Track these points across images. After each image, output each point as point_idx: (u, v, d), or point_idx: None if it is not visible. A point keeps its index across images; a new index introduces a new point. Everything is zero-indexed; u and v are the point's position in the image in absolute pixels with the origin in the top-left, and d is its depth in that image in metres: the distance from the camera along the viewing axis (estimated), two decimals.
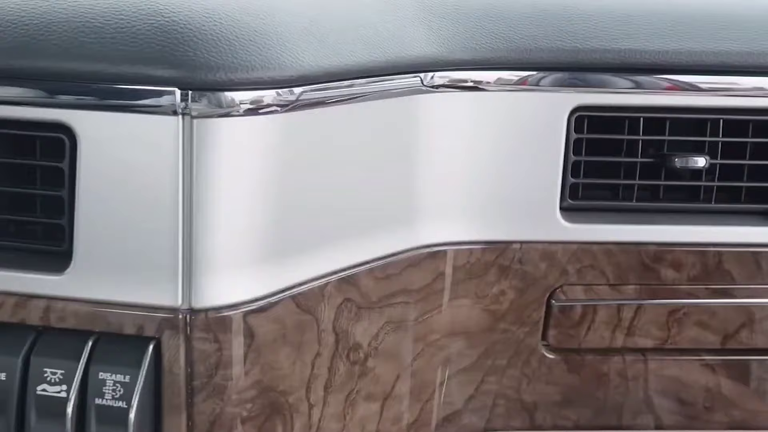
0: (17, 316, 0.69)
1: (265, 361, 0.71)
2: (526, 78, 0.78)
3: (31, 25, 0.67)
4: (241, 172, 0.68)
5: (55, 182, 0.70)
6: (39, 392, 0.67)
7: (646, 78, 0.80)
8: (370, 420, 0.80)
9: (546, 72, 0.79)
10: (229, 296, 0.69)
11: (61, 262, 0.69)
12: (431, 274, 0.80)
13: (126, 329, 0.68)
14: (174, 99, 0.65)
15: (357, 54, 0.72)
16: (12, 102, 0.67)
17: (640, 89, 0.80)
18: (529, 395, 0.86)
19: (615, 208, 0.84)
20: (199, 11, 0.67)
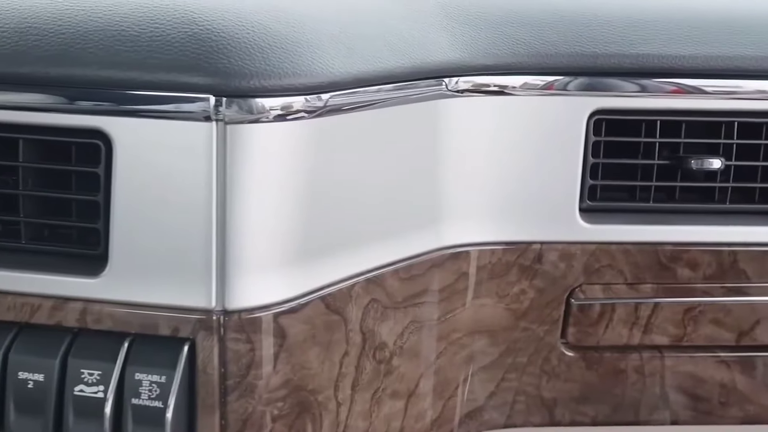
0: (54, 319, 0.70)
1: (296, 361, 0.72)
2: (552, 83, 0.79)
3: (68, 34, 0.67)
4: (273, 177, 0.68)
5: (89, 187, 0.71)
6: (76, 393, 0.68)
7: (663, 82, 0.81)
8: (395, 417, 0.81)
9: (566, 77, 0.80)
10: (261, 298, 0.70)
11: (96, 265, 0.70)
12: (454, 274, 0.81)
13: (161, 330, 0.69)
14: (208, 105, 0.66)
15: (384, 60, 0.73)
16: (49, 109, 0.68)
17: (656, 93, 0.81)
18: (548, 392, 0.87)
19: (632, 209, 0.85)
20: (231, 19, 0.68)
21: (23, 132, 0.70)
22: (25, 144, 0.70)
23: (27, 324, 0.70)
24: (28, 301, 0.70)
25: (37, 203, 0.72)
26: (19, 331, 0.70)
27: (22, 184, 0.71)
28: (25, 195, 0.71)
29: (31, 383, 0.68)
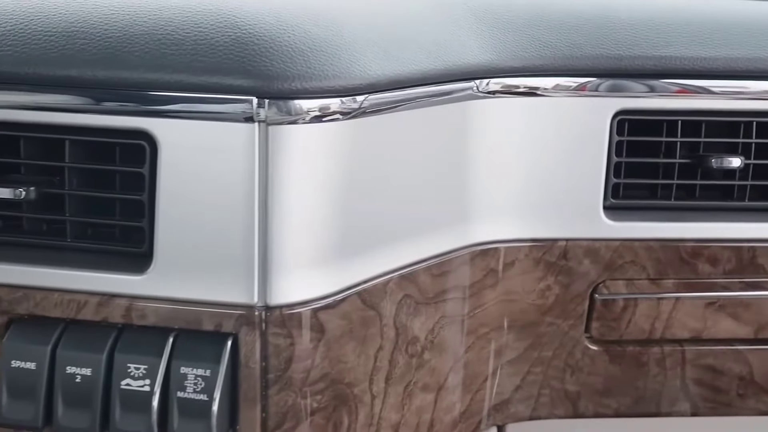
0: (100, 315, 0.71)
1: (334, 355, 0.73)
2: (580, 84, 0.80)
3: (114, 38, 0.69)
4: (313, 176, 0.70)
5: (131, 186, 0.72)
6: (123, 386, 0.69)
7: (684, 83, 0.83)
8: (426, 410, 0.82)
9: (591, 78, 0.81)
10: (301, 293, 0.71)
11: (140, 262, 0.71)
12: (483, 270, 0.83)
13: (204, 326, 0.70)
14: (251, 107, 0.67)
15: (418, 63, 0.74)
16: (95, 111, 0.69)
17: (678, 93, 0.83)
18: (572, 385, 0.88)
19: (654, 207, 0.87)
20: (272, 23, 0.70)
21: (70, 133, 0.71)
22: (71, 145, 0.71)
23: (73, 320, 0.72)
24: (75, 297, 0.71)
25: (82, 202, 0.73)
26: (65, 327, 0.72)
27: (68, 184, 0.72)
28: (71, 194, 0.72)
29: (78, 377, 0.70)
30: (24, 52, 0.69)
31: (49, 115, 0.70)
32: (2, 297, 0.72)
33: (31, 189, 0.71)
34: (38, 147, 0.73)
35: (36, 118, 0.70)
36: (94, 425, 0.70)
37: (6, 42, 0.69)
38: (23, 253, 0.73)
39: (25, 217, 0.74)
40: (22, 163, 0.73)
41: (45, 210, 0.73)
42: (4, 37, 0.69)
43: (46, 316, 0.72)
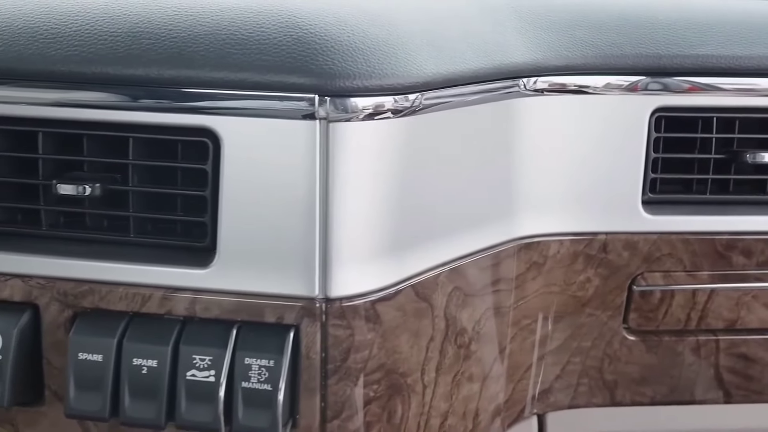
0: (164, 308, 0.72)
1: (389, 346, 0.74)
2: (636, 83, 0.82)
3: (179, 38, 0.69)
4: (371, 172, 0.70)
5: (195, 183, 0.72)
6: (188, 377, 0.70)
7: (720, 81, 0.84)
8: (472, 399, 0.83)
9: (631, 77, 0.83)
10: (359, 286, 0.72)
11: (202, 256, 0.72)
12: (526, 263, 0.84)
13: (267, 318, 0.71)
14: (313, 105, 0.68)
15: (468, 61, 0.75)
16: (159, 109, 0.69)
17: (714, 91, 0.84)
18: (610, 374, 0.89)
19: (690, 201, 0.88)
20: (332, 23, 0.70)
21: (133, 131, 0.71)
22: (135, 142, 0.72)
23: (137, 313, 0.72)
24: (140, 291, 0.72)
25: (144, 198, 0.74)
26: (130, 319, 0.72)
27: (132, 181, 0.73)
28: (134, 191, 0.73)
29: (145, 369, 0.70)
30: (91, 52, 0.69)
31: (114, 114, 0.70)
32: (68, 291, 0.72)
33: (96, 186, 0.71)
34: (101, 144, 0.74)
35: (101, 117, 0.70)
36: (160, 416, 0.70)
37: (73, 42, 0.70)
38: (86, 248, 0.74)
39: (87, 213, 0.75)
40: (85, 160, 0.74)
41: (107, 206, 0.74)
42: (71, 38, 0.70)
43: (111, 310, 0.72)
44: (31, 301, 0.73)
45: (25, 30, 0.70)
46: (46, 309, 0.73)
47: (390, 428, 0.76)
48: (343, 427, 0.73)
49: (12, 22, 0.71)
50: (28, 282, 0.73)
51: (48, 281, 0.72)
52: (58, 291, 0.72)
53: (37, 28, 0.70)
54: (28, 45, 0.70)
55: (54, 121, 0.72)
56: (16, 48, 0.70)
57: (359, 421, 0.73)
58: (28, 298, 0.73)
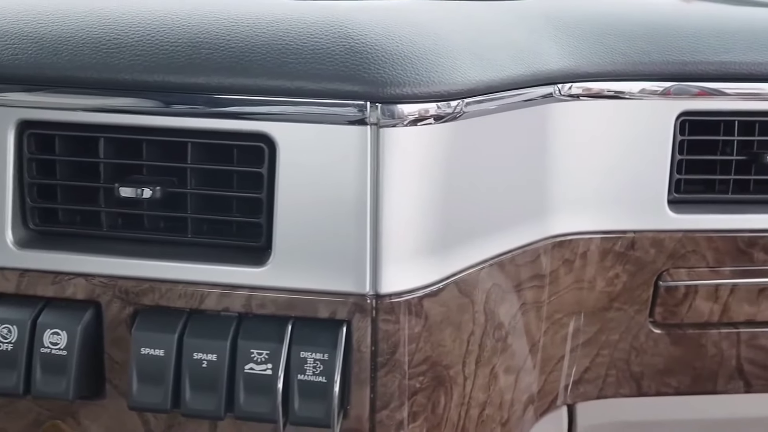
0: (222, 305, 0.74)
1: (434, 339, 0.76)
2: (669, 88, 0.84)
3: (237, 48, 0.71)
4: (418, 174, 0.73)
5: (250, 185, 0.74)
6: (246, 371, 0.72)
7: (741, 86, 0.87)
8: (508, 390, 0.85)
9: (658, 82, 0.85)
10: (408, 283, 0.74)
11: (257, 255, 0.75)
12: (559, 260, 0.86)
13: (320, 313, 0.73)
14: (365, 111, 0.70)
15: (508, 69, 0.78)
16: (218, 115, 0.72)
17: (736, 96, 0.87)
18: (636, 366, 0.92)
19: (713, 200, 0.90)
20: (382, 33, 0.73)
21: (192, 136, 0.73)
22: (193, 147, 0.74)
23: (196, 310, 0.74)
24: (199, 289, 0.74)
25: (201, 200, 0.76)
26: (189, 316, 0.74)
27: (190, 184, 0.75)
28: (192, 193, 0.75)
29: (204, 363, 0.72)
30: (153, 61, 0.71)
31: (174, 120, 0.72)
32: (129, 289, 0.74)
33: (156, 189, 0.74)
34: (159, 149, 0.76)
35: (161, 123, 0.73)
36: (219, 407, 0.72)
37: (135, 52, 0.72)
38: (145, 248, 0.76)
39: (145, 215, 0.77)
40: (144, 164, 0.76)
41: (165, 208, 0.76)
42: (133, 47, 0.72)
43: (171, 307, 0.75)
44: (94, 299, 0.75)
45: (89, 40, 0.72)
46: (108, 307, 0.75)
47: (434, 418, 0.78)
48: (391, 417, 0.75)
49: (75, 33, 0.73)
50: (91, 281, 0.75)
51: (110, 280, 0.74)
52: (120, 289, 0.74)
53: (100, 39, 0.72)
54: (92, 54, 0.72)
55: (115, 127, 0.74)
56: (80, 57, 0.72)
57: (406, 411, 0.76)
58: (90, 296, 0.75)
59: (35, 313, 0.74)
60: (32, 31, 0.73)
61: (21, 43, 0.73)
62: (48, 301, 0.75)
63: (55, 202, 0.77)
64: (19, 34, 0.73)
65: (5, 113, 0.74)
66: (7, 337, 0.74)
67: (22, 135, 0.75)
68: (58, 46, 0.72)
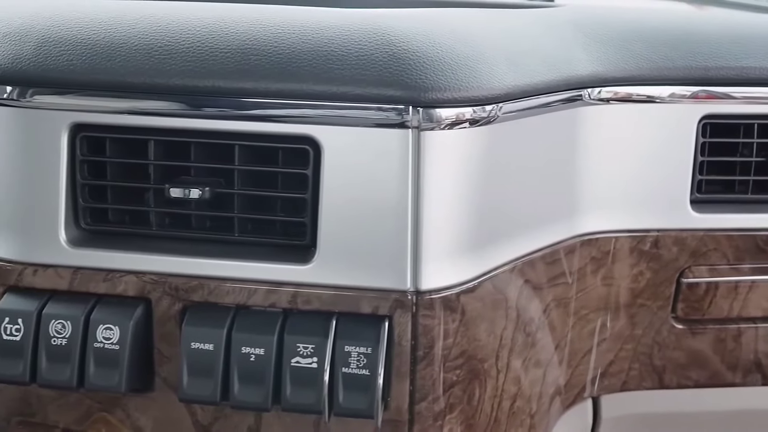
0: (268, 301, 0.76)
1: (471, 334, 0.78)
2: (686, 93, 0.86)
3: (284, 54, 0.73)
4: (457, 176, 0.75)
5: (295, 186, 0.76)
6: (293, 364, 0.74)
7: (761, 90, 0.89)
8: (537, 383, 0.87)
9: (681, 87, 0.87)
10: (446, 280, 0.76)
11: (302, 253, 0.76)
12: (585, 258, 0.88)
13: (362, 309, 0.75)
14: (407, 115, 0.72)
15: (540, 74, 0.79)
16: (266, 119, 0.73)
17: (755, 100, 0.89)
18: (659, 360, 0.94)
19: (733, 200, 0.92)
20: (422, 40, 0.74)
21: (240, 139, 0.75)
22: (240, 149, 0.76)
23: (243, 306, 0.76)
24: (246, 286, 0.76)
25: (247, 200, 0.77)
26: (236, 312, 0.76)
27: (237, 184, 0.77)
28: (239, 194, 0.77)
29: (252, 357, 0.74)
30: (204, 67, 0.73)
31: (223, 123, 0.74)
32: (179, 286, 0.76)
33: (205, 189, 0.75)
34: (205, 150, 0.77)
35: (210, 126, 0.74)
36: (266, 400, 0.74)
37: (186, 57, 0.73)
38: (194, 247, 0.78)
39: (193, 215, 0.79)
40: (192, 165, 0.78)
41: (211, 207, 0.78)
42: (184, 53, 0.73)
43: (219, 303, 0.76)
44: (144, 296, 0.77)
45: (141, 46, 0.74)
46: (158, 303, 0.77)
47: (469, 409, 0.80)
48: (430, 409, 0.77)
49: (128, 39, 0.75)
50: (142, 278, 0.76)
51: (160, 277, 0.76)
52: (170, 286, 0.76)
53: (151, 45, 0.74)
54: (144, 60, 0.74)
55: (165, 130, 0.76)
56: (132, 63, 0.74)
57: (443, 403, 0.78)
58: (141, 293, 0.77)
59: (88, 309, 0.76)
60: (86, 38, 0.75)
61: (75, 49, 0.75)
62: (100, 298, 0.77)
63: (106, 202, 0.78)
64: (73, 41, 0.75)
65: (59, 117, 0.75)
66: (61, 333, 0.76)
67: (75, 138, 0.76)
68: (111, 52, 0.74)
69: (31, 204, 0.77)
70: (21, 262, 0.77)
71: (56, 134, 0.76)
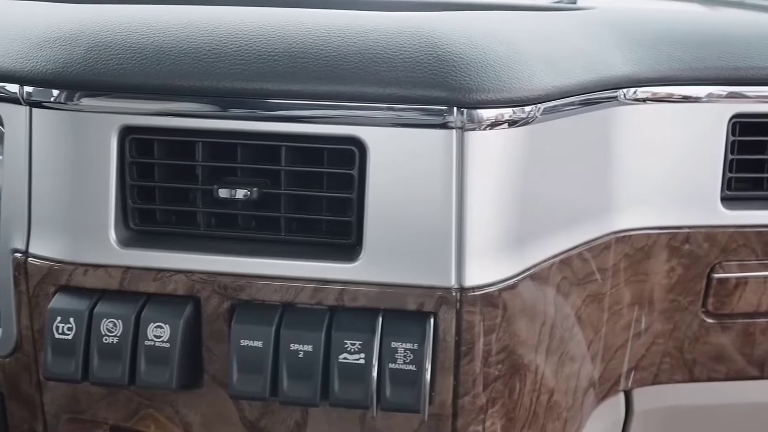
0: (315, 299, 0.76)
1: (512, 330, 0.78)
2: (718, 93, 0.86)
3: (331, 57, 0.73)
4: (499, 175, 0.75)
5: (341, 186, 0.76)
6: (341, 360, 0.74)
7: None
8: (572, 377, 0.87)
9: (712, 87, 0.87)
10: (489, 276, 0.76)
11: (348, 251, 0.77)
12: (619, 254, 0.88)
13: (408, 306, 0.75)
14: (451, 116, 0.72)
15: (577, 75, 0.79)
16: (313, 120, 0.74)
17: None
18: (689, 353, 0.94)
19: (762, 197, 0.92)
20: (465, 43, 0.75)
21: (286, 140, 0.75)
22: (287, 150, 0.77)
23: (290, 304, 0.76)
24: (293, 284, 0.76)
25: (293, 200, 0.78)
26: (284, 309, 0.76)
27: (284, 185, 0.77)
28: (286, 194, 0.77)
29: (301, 353, 0.74)
30: (252, 69, 0.73)
31: (270, 125, 0.74)
32: (227, 285, 0.76)
33: (253, 190, 0.76)
34: (251, 151, 0.78)
35: (257, 128, 0.75)
36: (315, 395, 0.74)
37: (235, 61, 0.74)
38: (241, 246, 0.78)
39: (239, 215, 0.79)
40: (239, 167, 0.78)
41: (257, 207, 0.78)
42: (233, 57, 0.74)
43: (266, 301, 0.77)
44: (194, 295, 0.77)
45: (190, 50, 0.74)
46: (207, 301, 0.77)
47: (510, 403, 0.81)
48: (473, 403, 0.78)
49: (177, 44, 0.75)
50: (191, 277, 0.77)
51: (210, 276, 0.76)
52: (218, 285, 0.76)
53: (200, 49, 0.74)
54: (193, 64, 0.74)
55: (212, 132, 0.76)
56: (182, 66, 0.74)
57: (486, 397, 0.78)
58: (190, 291, 0.77)
59: (138, 308, 0.76)
60: (135, 43, 0.75)
61: (125, 53, 0.75)
62: (149, 297, 0.77)
63: (154, 203, 0.79)
64: (123, 45, 0.75)
65: (109, 120, 0.76)
66: (112, 331, 0.76)
67: (124, 140, 0.76)
68: (160, 56, 0.74)
69: (81, 205, 0.77)
70: (72, 262, 0.78)
71: (106, 137, 0.76)
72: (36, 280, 0.79)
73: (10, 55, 0.78)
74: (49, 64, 0.76)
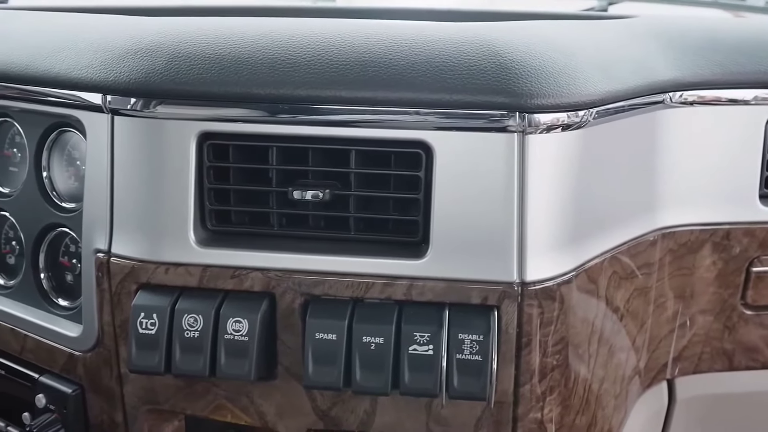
0: (384, 294, 0.78)
1: (569, 322, 0.81)
2: (757, 96, 0.89)
3: (399, 66, 0.76)
4: (557, 176, 0.77)
5: (408, 187, 0.79)
6: (410, 351, 0.76)
7: None
8: (620, 366, 0.90)
9: (752, 90, 0.90)
10: (548, 271, 0.78)
11: (414, 249, 0.79)
12: (663, 250, 0.90)
13: (473, 300, 0.78)
14: (513, 121, 0.75)
15: (627, 80, 0.82)
16: (381, 124, 0.76)
17: None
18: (729, 343, 0.96)
19: None
20: (525, 51, 0.77)
21: (356, 144, 0.78)
22: (356, 153, 0.79)
23: (360, 299, 0.79)
24: (364, 280, 0.78)
25: (362, 201, 0.80)
26: (355, 304, 0.79)
27: (353, 186, 0.80)
28: (355, 195, 0.80)
29: (373, 345, 0.77)
30: (325, 77, 0.76)
31: (341, 130, 0.77)
32: (301, 282, 0.79)
33: (326, 191, 0.78)
34: (321, 155, 0.80)
35: (330, 133, 0.77)
36: (386, 385, 0.77)
37: (308, 69, 0.76)
38: (313, 245, 0.80)
39: (310, 215, 0.82)
40: (310, 170, 0.81)
41: (327, 208, 0.81)
42: (306, 65, 0.76)
43: (338, 296, 0.79)
44: (269, 291, 0.79)
45: (266, 60, 0.77)
46: (282, 297, 0.79)
47: (566, 392, 0.83)
48: (533, 391, 0.80)
49: (253, 54, 0.77)
50: (267, 274, 0.79)
51: (285, 273, 0.79)
52: (293, 282, 0.79)
53: (276, 58, 0.77)
54: (270, 73, 0.76)
55: (286, 137, 0.79)
56: (259, 75, 0.76)
57: (544, 385, 0.81)
58: (266, 288, 0.79)
59: (217, 303, 0.79)
60: (213, 53, 0.78)
61: (204, 63, 0.77)
62: (227, 293, 0.80)
63: (229, 204, 0.81)
64: (202, 56, 0.78)
65: (189, 126, 0.78)
66: (193, 326, 0.78)
67: (202, 145, 0.79)
68: (238, 66, 0.77)
69: (161, 208, 0.80)
70: (153, 261, 0.80)
71: (186, 142, 0.79)
72: (118, 279, 0.82)
73: (93, 66, 0.81)
74: (132, 74, 0.78)
